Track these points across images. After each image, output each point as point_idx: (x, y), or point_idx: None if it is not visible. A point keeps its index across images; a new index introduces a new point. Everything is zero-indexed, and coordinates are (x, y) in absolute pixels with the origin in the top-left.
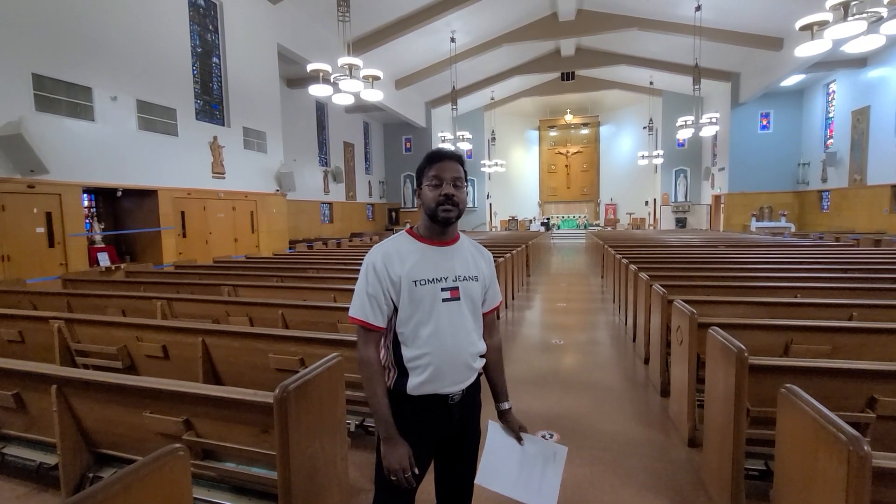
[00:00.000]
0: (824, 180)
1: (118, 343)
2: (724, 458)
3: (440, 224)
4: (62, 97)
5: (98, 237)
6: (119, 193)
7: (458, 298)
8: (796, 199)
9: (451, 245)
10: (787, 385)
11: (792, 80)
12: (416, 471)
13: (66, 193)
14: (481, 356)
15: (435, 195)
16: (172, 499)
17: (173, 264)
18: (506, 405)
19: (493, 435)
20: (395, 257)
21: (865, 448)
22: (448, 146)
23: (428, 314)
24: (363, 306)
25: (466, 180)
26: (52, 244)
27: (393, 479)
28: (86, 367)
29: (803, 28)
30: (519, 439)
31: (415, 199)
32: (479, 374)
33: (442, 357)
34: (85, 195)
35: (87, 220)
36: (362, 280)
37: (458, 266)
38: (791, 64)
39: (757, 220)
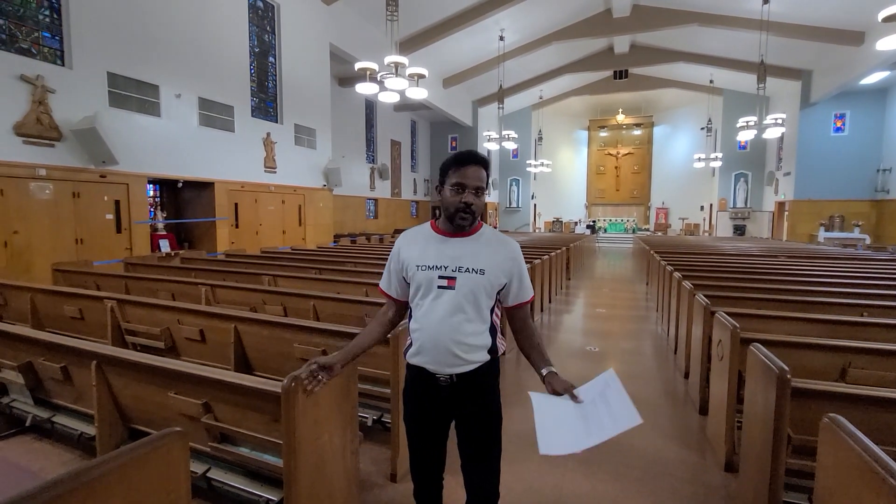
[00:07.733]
0: None
1: (162, 325)
2: (760, 488)
3: (455, 227)
4: (132, 94)
5: (160, 225)
6: (180, 185)
7: (453, 288)
8: (874, 209)
9: (465, 237)
10: (830, 414)
11: (874, 78)
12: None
13: (133, 183)
14: (480, 347)
15: (455, 201)
16: (168, 480)
17: (224, 253)
18: (545, 370)
19: (537, 404)
20: (412, 242)
21: None
22: (467, 143)
23: (423, 297)
24: (388, 279)
25: (488, 184)
26: (119, 230)
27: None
28: (134, 346)
29: (887, 19)
30: (573, 397)
31: (436, 192)
32: (486, 365)
33: (425, 337)
34: (149, 185)
35: (151, 209)
36: (390, 258)
37: (465, 257)
38: (872, 60)
39: (826, 230)
